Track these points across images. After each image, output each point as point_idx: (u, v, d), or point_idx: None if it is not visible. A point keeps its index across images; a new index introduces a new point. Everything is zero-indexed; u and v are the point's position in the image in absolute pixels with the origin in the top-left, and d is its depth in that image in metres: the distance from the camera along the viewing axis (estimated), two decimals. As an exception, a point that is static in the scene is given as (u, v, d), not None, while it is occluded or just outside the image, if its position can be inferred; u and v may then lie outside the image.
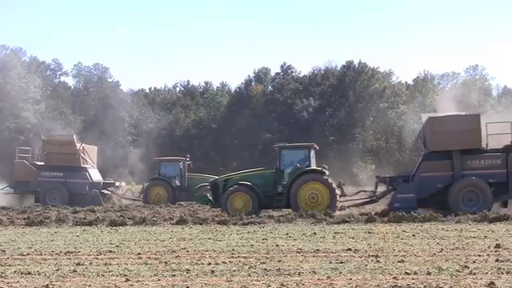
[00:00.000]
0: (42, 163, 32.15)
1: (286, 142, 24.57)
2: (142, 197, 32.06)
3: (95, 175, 32.52)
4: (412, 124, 60.15)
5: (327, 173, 21.61)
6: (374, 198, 22.41)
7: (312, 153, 22.11)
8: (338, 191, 21.50)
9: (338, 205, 21.65)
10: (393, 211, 19.54)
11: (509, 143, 20.64)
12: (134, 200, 32.44)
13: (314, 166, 21.76)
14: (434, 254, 11.22)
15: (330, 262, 10.37)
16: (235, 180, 21.94)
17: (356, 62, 67.46)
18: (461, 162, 20.60)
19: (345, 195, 22.72)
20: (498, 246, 11.97)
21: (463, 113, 23.77)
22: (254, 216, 19.70)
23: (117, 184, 33.16)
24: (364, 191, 23.31)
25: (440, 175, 20.71)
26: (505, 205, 20.88)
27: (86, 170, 31.70)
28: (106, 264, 10.60)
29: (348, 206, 22.13)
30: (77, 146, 31.72)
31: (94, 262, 10.95)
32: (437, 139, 20.97)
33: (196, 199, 24.73)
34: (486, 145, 20.99)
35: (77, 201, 29.57)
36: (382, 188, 22.39)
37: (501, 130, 21.08)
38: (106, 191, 31.67)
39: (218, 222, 18.37)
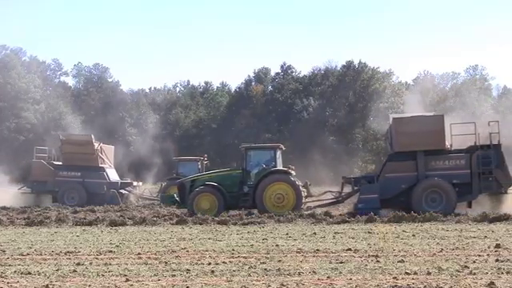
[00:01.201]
0: (60, 163, 32.17)
1: (252, 143, 24.68)
2: (159, 196, 31.99)
3: (113, 175, 32.50)
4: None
5: (293, 173, 21.78)
6: (339, 199, 22.48)
7: (278, 153, 22.24)
8: (304, 191, 21.59)
9: (304, 205, 21.77)
10: (357, 212, 19.81)
11: (473, 144, 20.69)
12: (152, 200, 32.41)
13: (280, 167, 21.89)
14: (434, 253, 11.23)
15: (330, 262, 10.38)
16: (202, 180, 22.09)
17: (356, 62, 67.51)
18: (425, 162, 20.59)
19: (311, 195, 22.85)
20: (497, 245, 11.98)
21: (428, 113, 23.83)
22: (253, 216, 19.74)
23: (134, 184, 33.17)
24: (330, 192, 23.38)
25: (404, 176, 20.69)
26: (469, 205, 20.89)
27: (103, 169, 31.68)
28: (105, 264, 10.61)
29: (314, 207, 22.11)
30: (95, 145, 31.74)
31: (94, 262, 10.96)
32: (401, 140, 20.97)
33: (162, 199, 24.63)
34: (451, 145, 21.06)
35: (95, 201, 29.60)
36: (348, 189, 22.41)
37: (465, 130, 21.14)
38: (123, 191, 31.67)
39: (218, 222, 18.41)
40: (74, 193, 30.78)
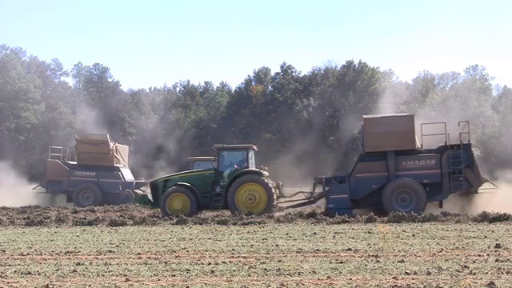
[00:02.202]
0: (75, 162, 32.17)
1: (224, 144, 24.85)
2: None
3: (127, 175, 32.56)
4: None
5: (267, 174, 21.95)
6: (311, 199, 22.57)
7: (250, 154, 22.40)
8: (275, 192, 21.69)
9: (276, 206, 21.90)
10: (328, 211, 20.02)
11: (443, 144, 20.80)
12: None
13: (252, 168, 22.01)
14: (434, 254, 11.23)
15: (330, 262, 10.39)
16: (174, 181, 22.26)
17: (356, 62, 67.53)
18: (395, 162, 20.67)
19: (283, 196, 22.98)
20: (497, 246, 11.99)
21: (398, 114, 23.94)
22: (253, 216, 19.78)
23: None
24: (302, 192, 23.53)
25: (375, 176, 20.78)
26: (441, 205, 20.96)
27: (118, 169, 31.72)
28: (106, 264, 10.62)
29: (286, 207, 22.31)
30: (110, 145, 31.76)
31: (94, 262, 10.97)
32: (371, 140, 21.02)
33: (136, 199, 24.63)
34: (421, 145, 21.15)
35: (109, 200, 29.59)
36: (320, 189, 22.48)
37: (435, 130, 21.26)
38: (138, 191, 31.72)
39: (218, 222, 18.45)
40: (88, 192, 30.84)
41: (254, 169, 22.01)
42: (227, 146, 24.08)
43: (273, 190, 21.49)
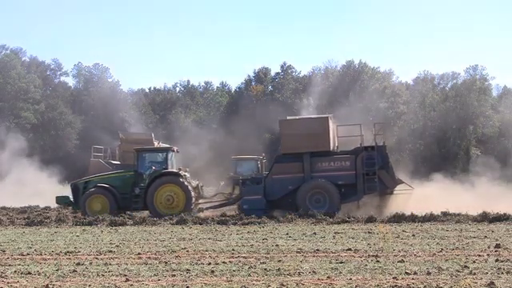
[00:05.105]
0: (118, 162, 32.06)
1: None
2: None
3: None
4: (412, 124, 60.08)
5: (187, 175, 22.00)
6: (230, 200, 22.65)
7: (170, 155, 22.42)
8: (194, 193, 21.74)
9: (196, 207, 22.02)
10: (243, 213, 20.09)
11: (358, 145, 20.87)
12: (208, 201, 32.27)
13: (172, 169, 22.02)
14: (434, 254, 11.24)
15: (330, 262, 10.39)
16: (95, 182, 22.33)
17: (356, 62, 67.54)
18: (311, 164, 20.72)
19: (202, 197, 23.03)
20: (497, 246, 12.00)
21: (313, 115, 24.08)
22: (253, 216, 19.79)
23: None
24: (222, 193, 23.66)
25: (291, 177, 20.82)
26: (358, 205, 20.93)
27: None
28: (106, 264, 10.63)
29: (206, 208, 22.40)
30: (155, 144, 31.72)
31: (94, 262, 10.98)
32: (287, 142, 21.11)
33: (57, 200, 24.59)
34: (337, 147, 21.20)
35: None
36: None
37: (351, 132, 21.40)
38: None
39: (218, 222, 18.46)
40: None
41: (173, 170, 22.04)
42: (147, 147, 24.30)
43: (191, 191, 21.53)
